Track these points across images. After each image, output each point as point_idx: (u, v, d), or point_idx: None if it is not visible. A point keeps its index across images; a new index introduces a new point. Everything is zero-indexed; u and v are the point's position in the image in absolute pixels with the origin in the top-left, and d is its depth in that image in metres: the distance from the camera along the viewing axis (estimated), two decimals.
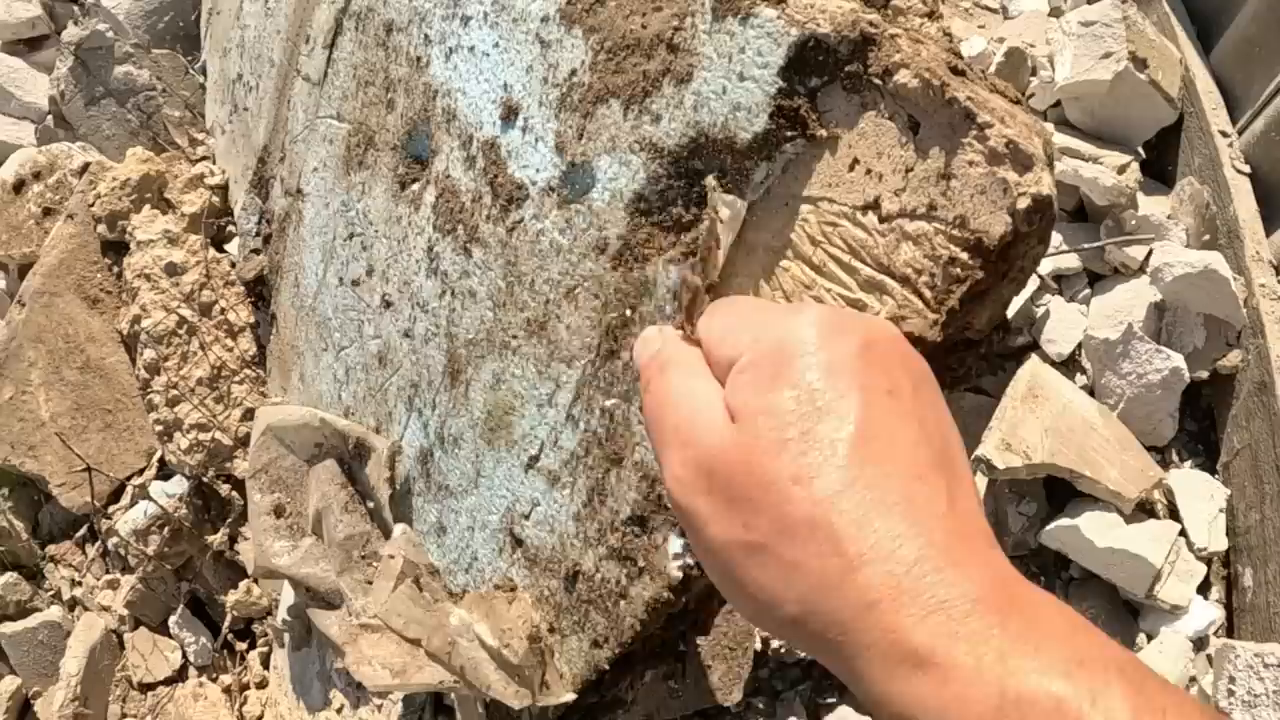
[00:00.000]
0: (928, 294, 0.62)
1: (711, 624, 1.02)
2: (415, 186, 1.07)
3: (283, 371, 1.40)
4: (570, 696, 0.86)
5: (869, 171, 0.65)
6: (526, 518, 0.91)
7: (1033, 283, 1.66)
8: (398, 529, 0.99)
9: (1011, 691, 0.30)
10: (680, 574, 0.75)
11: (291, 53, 1.38)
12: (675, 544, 0.75)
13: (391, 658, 0.97)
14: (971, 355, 0.76)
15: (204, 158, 1.66)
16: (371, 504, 1.14)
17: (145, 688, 1.41)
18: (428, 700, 1.09)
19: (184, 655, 1.44)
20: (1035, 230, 0.59)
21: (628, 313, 0.78)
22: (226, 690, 1.38)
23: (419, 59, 1.07)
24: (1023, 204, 0.55)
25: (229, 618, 1.42)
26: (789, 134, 0.68)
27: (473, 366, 0.96)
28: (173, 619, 1.45)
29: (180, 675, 1.43)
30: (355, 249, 1.18)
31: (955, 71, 0.62)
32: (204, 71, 1.71)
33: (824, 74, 0.66)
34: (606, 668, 0.84)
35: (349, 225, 1.20)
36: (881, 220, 0.64)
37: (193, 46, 1.81)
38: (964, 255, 0.60)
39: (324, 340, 1.26)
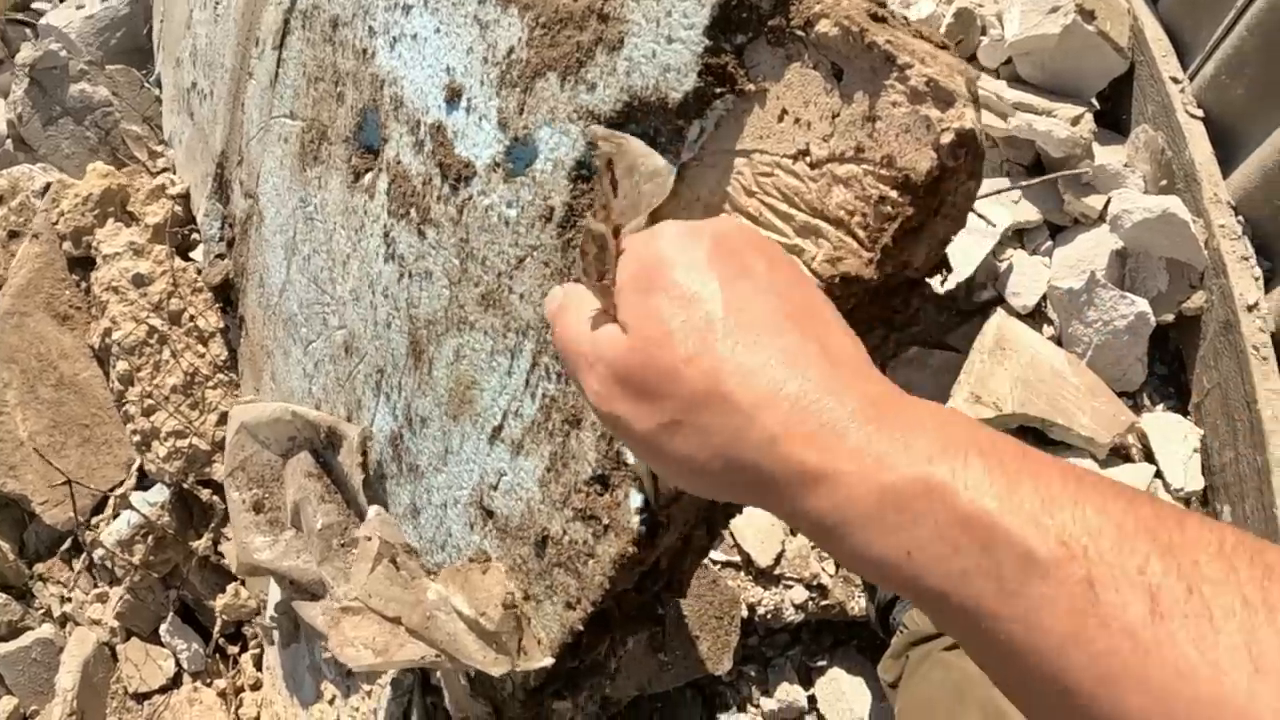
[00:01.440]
0: (861, 234, 0.64)
1: (687, 585, 1.04)
2: (369, 176, 1.08)
3: (254, 373, 1.41)
4: (548, 661, 0.88)
5: (797, 121, 0.66)
6: (495, 489, 0.92)
7: (994, 238, 1.68)
8: (371, 511, 1.00)
9: (888, 484, 0.35)
10: (643, 527, 0.77)
11: (243, 56, 1.39)
12: (636, 499, 0.77)
13: (374, 638, 0.99)
14: (916, 296, 0.78)
15: (164, 170, 1.66)
16: (348, 492, 1.15)
17: (141, 698, 1.42)
18: (415, 681, 1.11)
19: (177, 663, 1.45)
20: (963, 165, 0.61)
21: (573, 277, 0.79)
22: (222, 694, 1.39)
23: (365, 51, 1.08)
24: (946, 139, 0.56)
25: (219, 622, 1.43)
26: (718, 91, 0.69)
27: (434, 345, 0.97)
28: (163, 627, 1.46)
29: (175, 683, 1.44)
30: (316, 243, 1.19)
31: (875, 19, 0.63)
32: (159, 83, 1.72)
33: (749, 30, 0.68)
34: (581, 629, 0.85)
35: (308, 220, 1.21)
36: (812, 166, 0.66)
37: (146, 59, 1.81)
38: (893, 193, 0.61)
39: (292, 337, 1.27)
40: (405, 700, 1.12)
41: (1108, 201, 1.77)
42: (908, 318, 0.90)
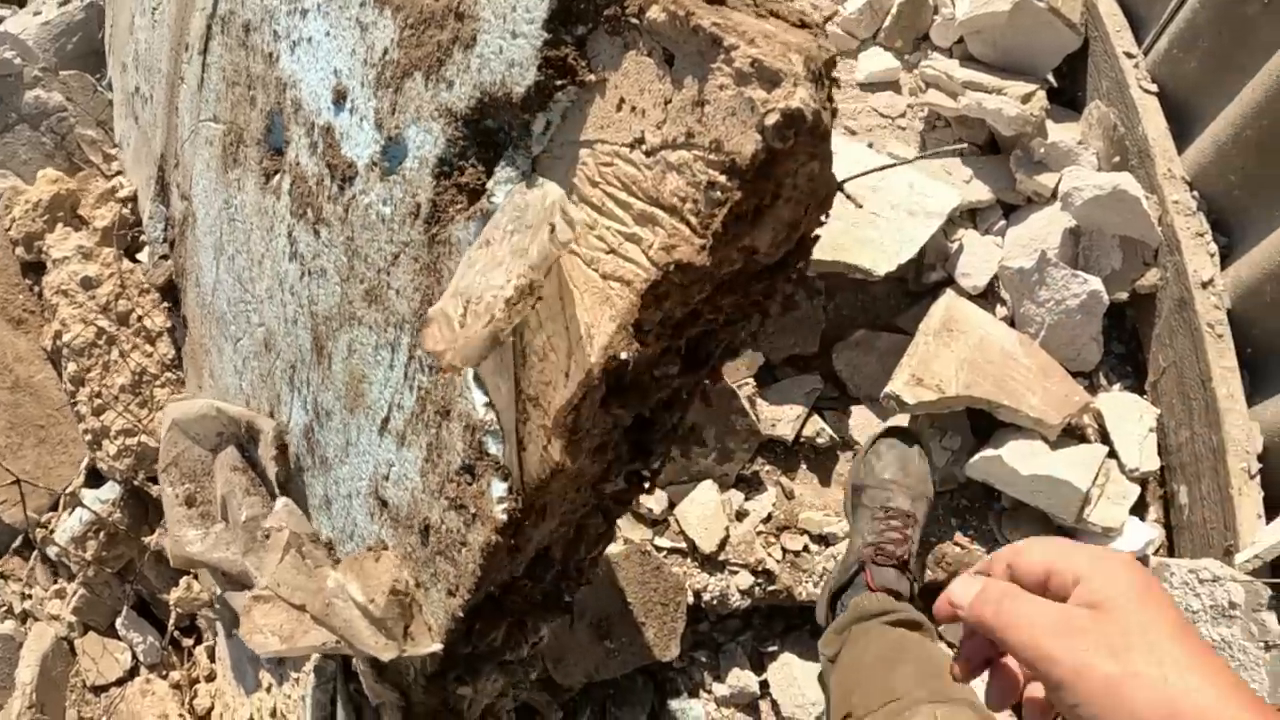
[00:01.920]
0: (694, 220, 0.63)
1: (590, 574, 1.05)
2: (277, 178, 1.10)
3: (196, 370, 1.43)
4: (436, 647, 0.89)
5: (634, 109, 0.66)
6: (386, 479, 0.94)
7: (939, 219, 1.67)
8: (279, 503, 1.03)
9: None
10: (505, 516, 0.78)
11: (175, 61, 1.41)
12: (498, 487, 0.78)
13: (281, 625, 1.01)
14: (780, 280, 0.77)
15: (119, 172, 1.69)
16: (271, 485, 1.17)
17: (98, 690, 1.46)
18: (338, 668, 1.13)
19: (134, 655, 1.49)
20: (797, 146, 0.60)
21: (440, 270, 0.81)
22: (176, 686, 1.43)
23: (271, 54, 1.10)
24: (771, 120, 0.55)
25: (173, 615, 1.47)
26: (559, 83, 0.70)
27: (332, 341, 0.99)
28: (119, 621, 1.50)
29: (132, 675, 1.48)
30: (238, 243, 1.22)
31: (711, 0, 0.63)
32: (111, 87, 1.75)
33: (588, 20, 0.68)
34: (461, 615, 0.87)
35: (231, 221, 1.23)
36: (648, 154, 0.65)
37: (102, 63, 1.84)
38: (722, 178, 0.60)
39: (224, 334, 1.30)
40: (330, 687, 1.15)
41: (1059, 179, 1.75)
42: (784, 303, 0.91)
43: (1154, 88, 1.75)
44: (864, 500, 1.52)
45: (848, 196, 1.64)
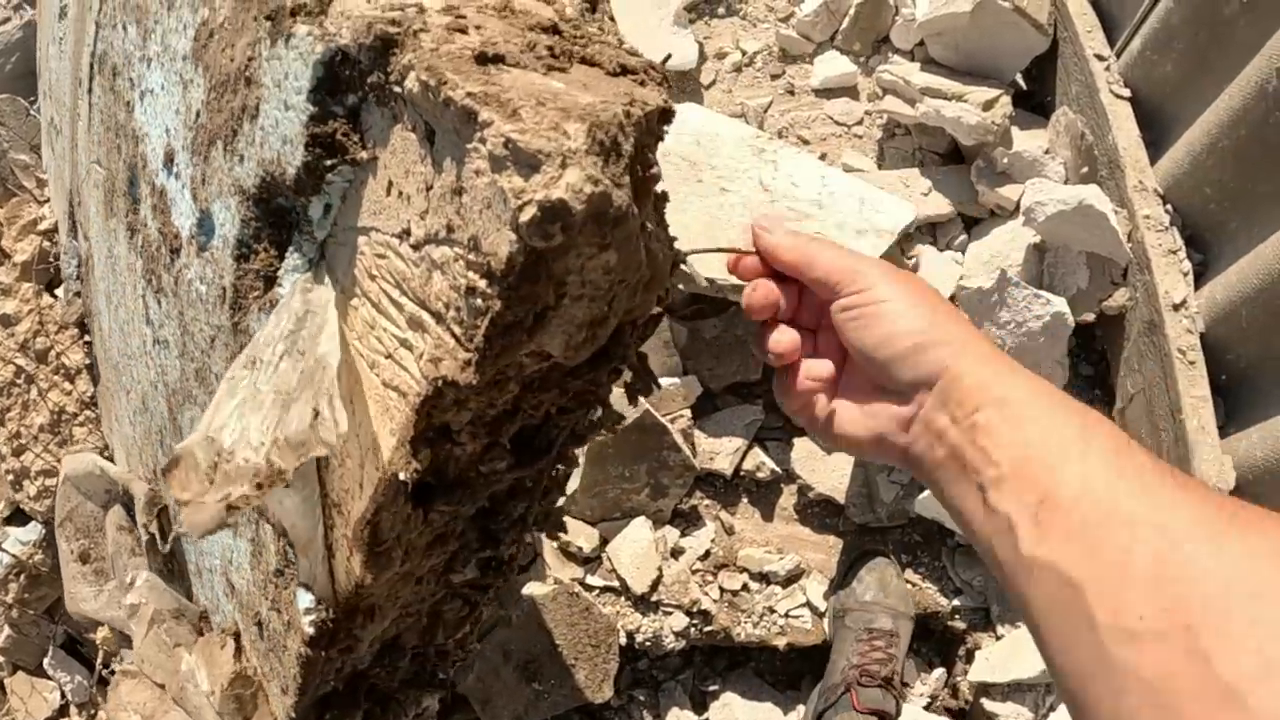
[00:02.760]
0: (458, 330, 0.54)
1: (464, 651, 1.00)
2: (137, 235, 1.05)
3: (107, 411, 1.41)
4: None
5: (400, 193, 0.58)
6: (231, 564, 0.90)
7: (889, 239, 1.57)
8: (141, 576, 0.99)
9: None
10: (312, 629, 0.73)
11: (74, 96, 1.37)
12: (303, 598, 0.74)
13: (144, 703, 0.98)
14: (603, 372, 0.70)
15: (50, 199, 1.67)
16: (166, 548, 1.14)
17: None
18: None
19: (62, 695, 1.49)
20: (572, 241, 0.52)
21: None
22: None
23: (129, 103, 1.05)
24: (526, 215, 0.45)
25: (101, 654, 1.45)
26: (328, 163, 0.63)
27: (180, 414, 0.95)
28: (47, 660, 1.49)
29: (62, 714, 1.47)
30: (119, 295, 1.18)
31: (482, 60, 0.54)
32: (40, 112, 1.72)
33: (358, 89, 0.60)
34: (294, 715, 0.82)
35: (114, 271, 1.19)
36: (414, 249, 0.57)
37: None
38: (481, 283, 0.50)
39: (119, 383, 1.26)
40: None
41: (1024, 192, 1.65)
42: (633, 390, 0.84)
43: (1126, 92, 1.64)
44: (847, 623, 1.50)
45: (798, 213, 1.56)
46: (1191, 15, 1.53)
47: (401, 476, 0.62)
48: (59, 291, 1.52)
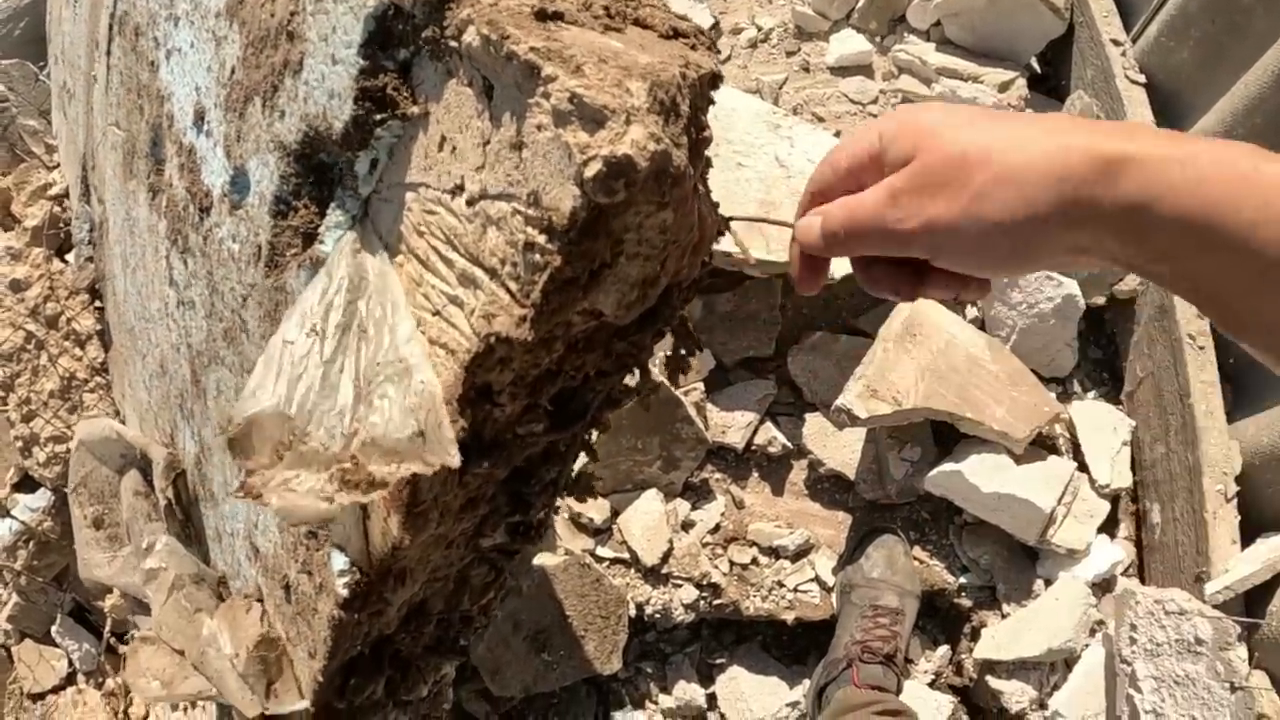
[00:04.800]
0: (513, 286, 0.54)
1: (487, 616, 1.00)
2: (160, 196, 1.04)
3: (119, 377, 1.40)
4: (302, 705, 0.86)
5: (454, 149, 0.57)
6: (256, 527, 0.90)
7: None
8: (160, 541, 0.99)
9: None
10: (346, 591, 0.73)
11: (90, 59, 1.36)
12: (338, 560, 0.73)
13: (164, 669, 0.98)
14: (648, 334, 0.70)
15: (59, 165, 1.65)
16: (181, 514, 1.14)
17: (36, 698, 1.46)
18: None
19: (70, 662, 1.49)
20: (634, 197, 0.51)
21: (280, 321, 0.75)
22: (112, 694, 1.42)
23: (153, 63, 1.04)
24: (591, 170, 0.45)
25: (109, 622, 1.45)
26: (378, 117, 0.62)
27: (205, 376, 0.94)
28: (54, 628, 1.49)
29: (70, 682, 1.47)
30: (138, 257, 1.17)
31: (541, 16, 0.53)
32: (51, 77, 1.70)
33: (410, 43, 0.60)
34: (322, 679, 0.83)
35: (132, 234, 1.18)
36: (468, 204, 0.56)
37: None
38: (541, 238, 0.50)
39: (134, 347, 1.26)
40: (229, 714, 1.12)
41: None
42: (674, 364, 0.84)
43: (1141, 78, 1.64)
44: (853, 599, 1.50)
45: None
46: (1209, 2, 1.53)
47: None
48: (69, 257, 1.51)
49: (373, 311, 0.64)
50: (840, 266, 1.52)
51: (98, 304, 1.50)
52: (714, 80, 0.59)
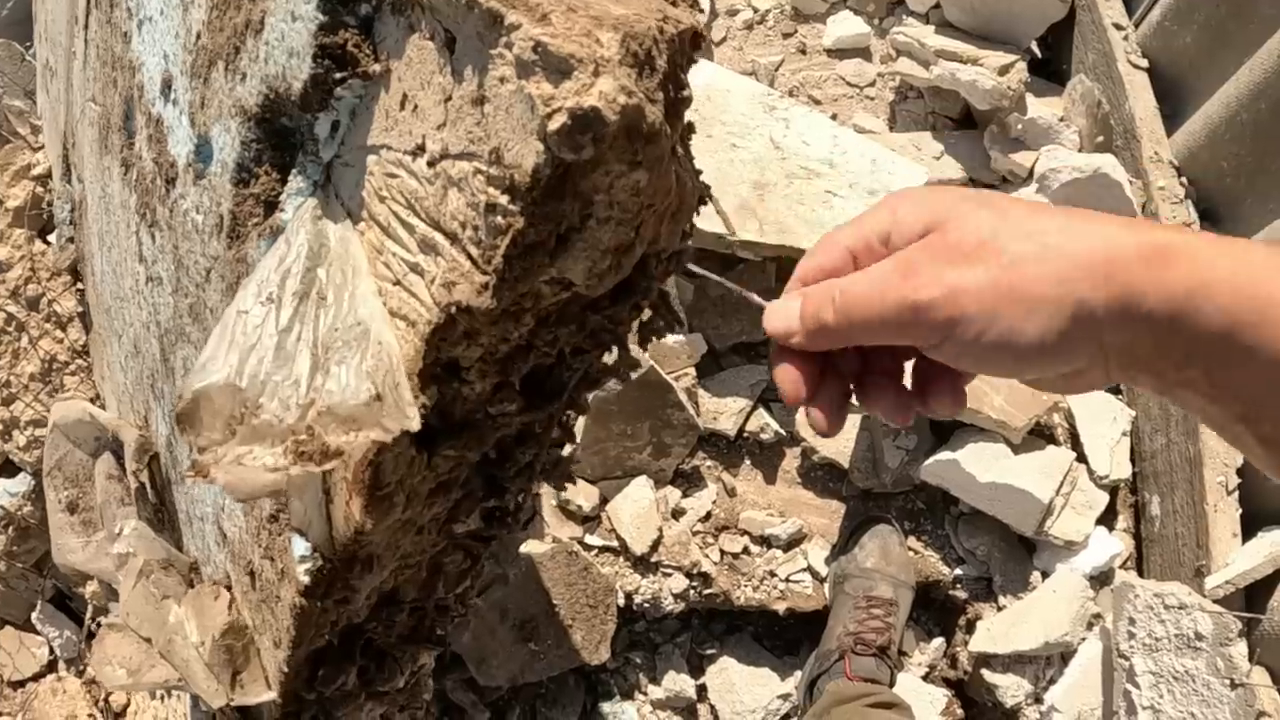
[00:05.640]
0: (474, 251, 0.51)
1: (464, 605, 0.98)
2: (132, 170, 1.02)
3: (99, 359, 1.38)
4: (269, 695, 0.83)
5: (416, 108, 0.54)
6: (223, 511, 0.88)
7: None
8: (129, 525, 0.97)
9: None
10: (308, 578, 0.71)
11: (70, 34, 1.34)
12: (299, 546, 0.71)
13: (130, 657, 0.96)
14: (624, 307, 0.66)
15: (44, 145, 1.63)
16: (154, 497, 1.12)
17: (16, 685, 1.44)
18: None
19: (51, 650, 1.47)
20: (603, 155, 0.48)
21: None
22: (93, 682, 1.40)
23: (126, 34, 1.01)
24: (556, 123, 0.42)
25: (90, 609, 1.43)
26: (338, 76, 0.59)
27: (173, 354, 0.92)
28: (35, 615, 1.47)
29: (50, 670, 1.45)
30: (113, 235, 1.15)
31: None
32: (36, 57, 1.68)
33: None
34: (287, 669, 0.80)
35: (107, 211, 1.16)
36: (429, 165, 0.53)
37: None
38: (503, 199, 0.47)
39: (111, 327, 1.24)
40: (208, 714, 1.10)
41: (1038, 159, 1.62)
42: (645, 333, 0.81)
43: (1144, 63, 1.61)
44: (846, 589, 1.48)
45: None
46: None
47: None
48: (51, 238, 1.49)
49: (333, 278, 0.61)
50: None
51: (79, 285, 1.48)
52: (695, 38, 0.55)
